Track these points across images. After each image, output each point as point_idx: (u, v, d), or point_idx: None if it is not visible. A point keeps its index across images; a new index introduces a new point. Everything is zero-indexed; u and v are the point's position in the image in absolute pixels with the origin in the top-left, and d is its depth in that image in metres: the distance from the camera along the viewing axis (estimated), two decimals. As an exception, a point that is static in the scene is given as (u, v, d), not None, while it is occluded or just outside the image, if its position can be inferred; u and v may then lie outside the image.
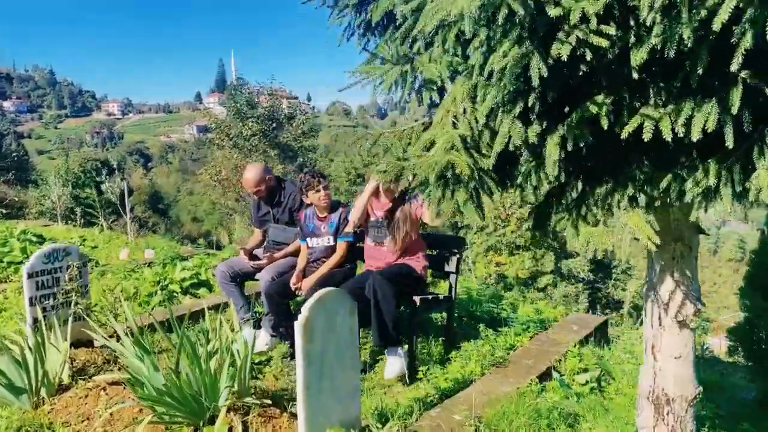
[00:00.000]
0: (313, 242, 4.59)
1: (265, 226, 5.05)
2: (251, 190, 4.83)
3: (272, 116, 28.11)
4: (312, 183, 4.48)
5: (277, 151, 28.24)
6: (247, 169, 4.88)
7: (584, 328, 4.62)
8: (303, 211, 4.71)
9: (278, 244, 4.90)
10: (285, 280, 4.43)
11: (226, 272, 4.74)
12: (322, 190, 4.51)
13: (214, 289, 6.18)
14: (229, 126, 27.26)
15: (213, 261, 7.46)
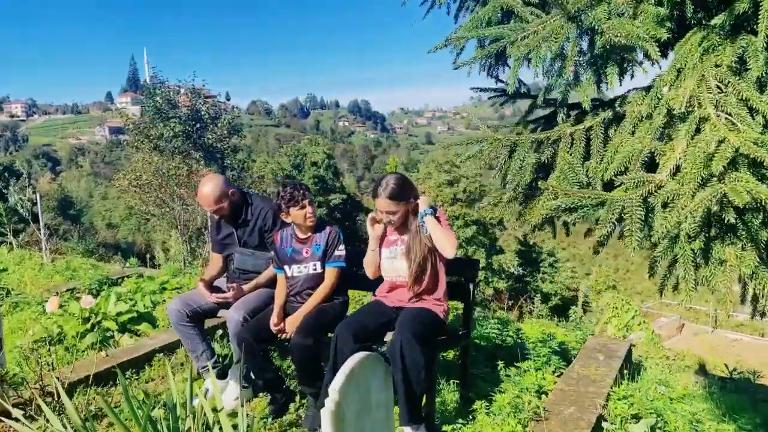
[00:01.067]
0: (294, 270, 3.75)
1: (227, 251, 4.08)
2: (211, 209, 3.89)
3: (196, 116, 26.61)
4: (296, 197, 3.60)
5: (201, 153, 26.79)
6: (204, 182, 3.90)
7: (611, 357, 4.00)
8: (278, 233, 3.89)
9: (246, 273, 3.96)
10: (261, 320, 3.55)
11: (183, 312, 3.79)
12: (308, 206, 3.67)
13: (158, 324, 5.18)
14: (147, 127, 25.55)
15: (150, 285, 6.42)
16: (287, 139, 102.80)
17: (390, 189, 3.40)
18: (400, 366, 3.04)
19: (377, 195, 3.44)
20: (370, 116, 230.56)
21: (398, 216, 3.45)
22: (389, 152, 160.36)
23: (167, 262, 8.49)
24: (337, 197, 42.33)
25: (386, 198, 3.40)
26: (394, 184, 3.41)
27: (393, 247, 3.55)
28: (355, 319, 3.37)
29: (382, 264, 3.58)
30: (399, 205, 3.43)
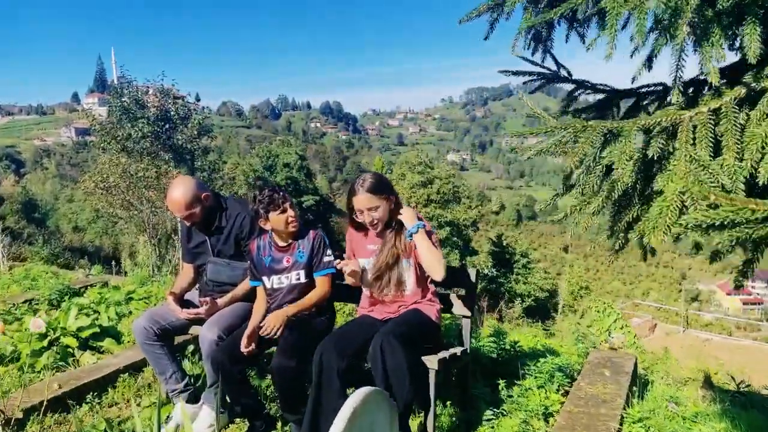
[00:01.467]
0: (274, 282, 3.35)
1: (199, 261, 3.68)
2: (181, 215, 3.45)
3: (165, 117, 25.93)
4: (275, 200, 3.22)
5: (171, 154, 26.14)
6: (174, 185, 3.47)
7: (618, 373, 3.71)
8: (254, 241, 3.48)
9: (220, 285, 3.56)
10: (238, 338, 3.17)
11: (150, 329, 3.40)
12: (289, 210, 3.29)
13: (123, 339, 4.75)
14: (115, 127, 24.81)
15: (115, 295, 5.98)
16: (258, 141, 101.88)
17: (369, 182, 3.12)
18: (380, 370, 2.74)
19: (355, 192, 3.14)
20: (341, 117, 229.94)
21: (381, 212, 3.15)
22: (361, 153, 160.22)
23: (134, 270, 8.02)
24: (310, 199, 41.90)
25: (366, 191, 3.11)
26: (372, 179, 3.15)
27: (374, 257, 3.24)
28: (341, 333, 3.04)
29: (365, 276, 3.26)
30: (380, 200, 3.13)
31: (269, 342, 3.24)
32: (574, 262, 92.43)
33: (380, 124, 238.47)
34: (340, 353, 2.82)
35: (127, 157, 22.78)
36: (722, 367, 10.90)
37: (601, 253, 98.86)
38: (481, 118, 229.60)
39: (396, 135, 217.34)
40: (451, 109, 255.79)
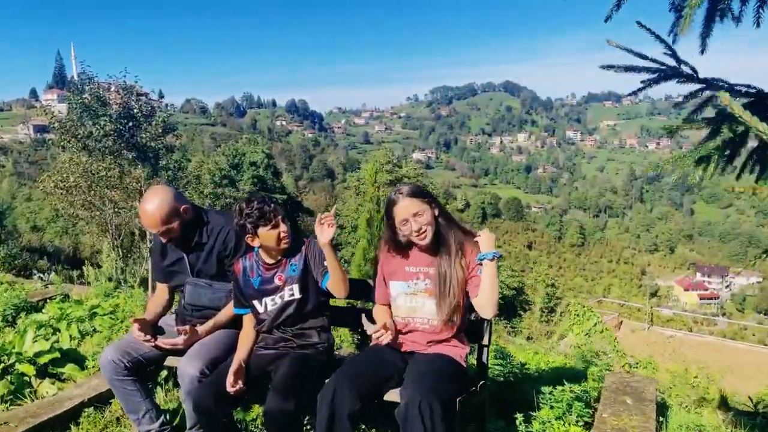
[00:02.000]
0: (267, 304, 2.96)
1: (174, 281, 3.28)
2: (157, 230, 3.05)
3: (128, 114, 25.05)
4: (266, 213, 2.84)
5: (134, 153, 25.28)
6: (148, 197, 3.04)
7: (641, 400, 3.42)
8: (238, 262, 3.08)
9: (200, 310, 3.14)
10: (223, 375, 2.76)
11: (120, 363, 2.97)
12: (282, 224, 2.91)
13: (87, 364, 4.27)
14: (75, 125, 23.85)
15: (77, 311, 5.47)
16: (224, 139, 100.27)
17: (407, 188, 2.78)
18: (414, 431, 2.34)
19: (395, 201, 2.76)
20: (307, 116, 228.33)
21: (428, 217, 2.77)
22: (327, 152, 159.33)
23: (98, 279, 7.47)
24: (278, 198, 41.20)
25: (407, 196, 2.75)
26: (409, 184, 2.82)
27: (414, 281, 2.84)
28: (355, 371, 2.64)
29: (395, 301, 2.87)
30: (424, 203, 2.78)
31: (260, 377, 2.84)
32: (536, 258, 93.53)
33: (346, 123, 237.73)
34: (355, 394, 2.44)
35: (88, 156, 21.93)
36: (702, 371, 10.82)
37: (563, 250, 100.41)
38: (446, 117, 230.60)
39: (362, 133, 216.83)
40: (417, 108, 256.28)
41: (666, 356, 25.90)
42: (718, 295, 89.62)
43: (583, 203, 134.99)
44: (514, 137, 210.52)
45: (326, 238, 2.70)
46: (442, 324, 2.77)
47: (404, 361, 2.79)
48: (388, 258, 2.94)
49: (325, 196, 65.85)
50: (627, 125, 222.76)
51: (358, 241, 38.37)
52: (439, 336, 2.80)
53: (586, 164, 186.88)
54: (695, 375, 10.51)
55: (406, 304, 2.84)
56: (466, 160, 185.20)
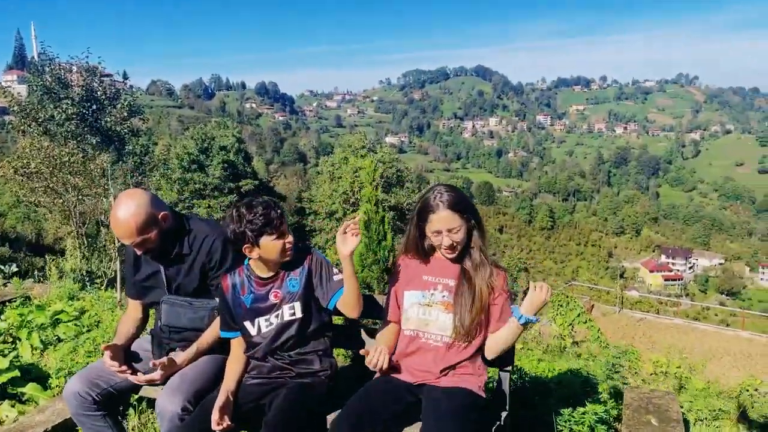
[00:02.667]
0: (261, 325, 2.56)
1: (149, 298, 2.84)
2: (132, 241, 2.60)
3: (91, 97, 24.15)
4: (272, 220, 2.43)
5: (98, 138, 24.40)
6: (121, 203, 2.57)
7: (666, 420, 3.13)
8: (225, 278, 2.65)
9: (179, 332, 2.72)
10: (208, 412, 2.37)
11: (88, 396, 2.55)
12: (287, 234, 2.50)
13: (50, 383, 3.83)
14: (36, 108, 22.89)
15: (39, 317, 5.00)
16: (191, 122, 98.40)
17: (451, 196, 2.40)
18: None
19: (433, 209, 2.40)
20: (278, 98, 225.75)
21: (462, 234, 2.44)
22: (299, 135, 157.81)
23: (62, 278, 6.94)
24: (249, 183, 40.43)
25: (449, 207, 2.40)
26: (452, 193, 2.42)
27: (431, 291, 2.49)
28: (359, 412, 2.27)
29: (406, 312, 2.51)
30: (462, 219, 2.43)
31: (252, 412, 2.47)
32: (507, 242, 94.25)
33: (318, 106, 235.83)
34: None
35: (50, 141, 21.06)
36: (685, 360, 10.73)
37: (533, 234, 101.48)
38: (419, 101, 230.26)
39: (334, 117, 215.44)
40: (389, 92, 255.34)
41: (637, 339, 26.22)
42: (682, 276, 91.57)
43: (553, 187, 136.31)
44: (486, 121, 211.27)
45: (349, 249, 2.34)
46: (456, 341, 2.44)
47: (414, 394, 2.43)
48: (408, 263, 2.59)
49: (297, 180, 65.07)
50: (595, 110, 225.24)
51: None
52: (453, 359, 2.45)
53: (556, 148, 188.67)
54: (678, 365, 10.41)
55: (418, 315, 2.49)
56: (439, 144, 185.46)
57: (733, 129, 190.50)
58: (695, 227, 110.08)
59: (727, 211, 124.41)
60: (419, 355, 2.48)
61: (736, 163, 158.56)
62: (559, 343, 11.49)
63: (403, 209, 36.80)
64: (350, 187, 37.82)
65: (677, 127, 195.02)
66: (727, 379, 13.85)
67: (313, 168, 79.91)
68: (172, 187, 37.70)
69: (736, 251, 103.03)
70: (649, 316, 38.48)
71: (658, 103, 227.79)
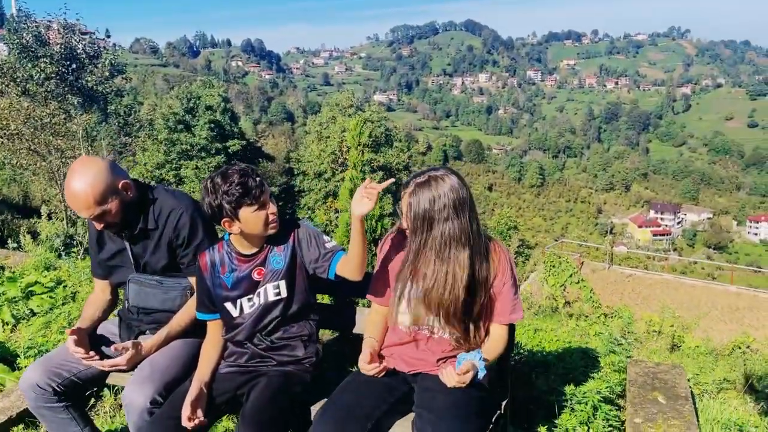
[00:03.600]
0: (243, 306, 2.33)
1: (116, 277, 2.57)
2: (90, 214, 2.29)
3: (70, 55, 23.40)
4: (251, 189, 2.17)
5: (79, 98, 23.76)
6: (75, 172, 2.28)
7: (674, 397, 2.96)
8: (204, 256, 2.38)
9: (149, 314, 2.49)
10: (179, 405, 2.15)
11: (48, 387, 2.31)
12: (270, 204, 2.24)
13: (19, 363, 3.60)
14: (13, 68, 22.16)
15: (10, 289, 4.75)
16: (177, 81, 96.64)
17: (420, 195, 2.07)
18: None
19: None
20: (264, 56, 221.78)
21: None
22: (286, 94, 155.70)
23: (40, 243, 6.64)
24: (236, 143, 39.83)
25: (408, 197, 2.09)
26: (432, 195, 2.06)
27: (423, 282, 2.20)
28: (345, 408, 2.05)
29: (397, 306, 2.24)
30: None
31: (228, 404, 2.26)
32: (497, 200, 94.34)
33: (305, 63, 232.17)
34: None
35: (30, 101, 20.49)
36: (678, 320, 10.69)
37: (523, 191, 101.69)
38: (407, 57, 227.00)
39: (322, 74, 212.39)
40: (377, 48, 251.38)
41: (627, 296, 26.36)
42: (671, 231, 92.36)
43: (543, 144, 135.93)
44: (476, 78, 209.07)
45: (363, 210, 2.06)
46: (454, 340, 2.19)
47: (408, 384, 2.22)
48: (399, 241, 2.30)
49: (285, 140, 64.21)
50: (586, 64, 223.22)
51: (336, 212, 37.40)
52: (453, 351, 2.21)
53: (546, 105, 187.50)
54: (671, 324, 10.36)
55: (411, 309, 2.23)
56: (428, 101, 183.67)
57: (724, 83, 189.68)
58: (684, 182, 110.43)
59: (716, 166, 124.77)
60: (414, 344, 2.25)
61: (726, 117, 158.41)
62: (551, 303, 11.43)
63: (392, 169, 36.49)
64: (338, 147, 37.39)
65: (668, 82, 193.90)
66: (716, 332, 13.93)
67: (301, 127, 78.93)
68: (158, 148, 37.06)
69: (724, 205, 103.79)
70: (638, 272, 38.77)
71: (649, 57, 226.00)
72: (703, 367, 4.09)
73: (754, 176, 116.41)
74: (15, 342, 3.93)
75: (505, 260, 2.19)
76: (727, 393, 3.63)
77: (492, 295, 2.17)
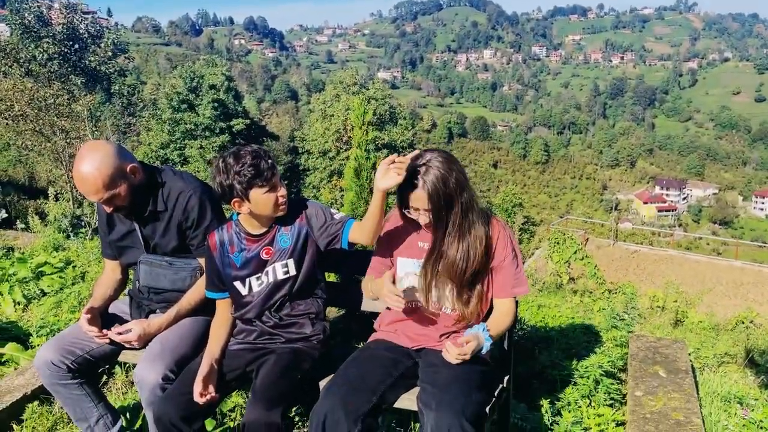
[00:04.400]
0: (252, 284, 2.38)
1: (127, 258, 2.62)
2: (99, 197, 2.33)
3: (73, 35, 23.32)
4: (262, 170, 2.20)
5: (82, 78, 23.72)
6: (83, 156, 2.29)
7: (674, 371, 3.01)
8: (213, 236, 2.41)
9: (159, 293, 2.54)
10: (190, 382, 2.21)
11: (62, 365, 2.38)
12: (280, 186, 2.28)
13: (33, 342, 3.67)
14: (16, 48, 22.11)
15: (21, 270, 4.82)
16: (180, 59, 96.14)
17: (434, 182, 2.06)
18: None
19: (414, 186, 2.09)
20: (267, 34, 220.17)
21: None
22: (290, 72, 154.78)
23: (47, 226, 6.71)
24: (240, 122, 39.75)
25: (428, 193, 2.08)
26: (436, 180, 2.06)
27: (421, 260, 2.24)
28: (351, 381, 2.11)
29: (401, 281, 2.27)
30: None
31: (238, 380, 2.32)
32: (502, 177, 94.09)
33: (308, 41, 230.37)
34: (351, 415, 1.93)
35: (33, 82, 20.48)
36: (681, 295, 10.74)
37: (528, 168, 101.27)
38: (411, 34, 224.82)
39: (325, 52, 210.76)
40: (381, 24, 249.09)
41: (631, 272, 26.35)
42: (676, 207, 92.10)
43: (548, 120, 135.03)
44: (480, 54, 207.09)
45: (386, 185, 2.07)
46: (460, 314, 2.23)
47: (412, 358, 2.27)
48: (398, 225, 2.33)
49: (290, 119, 64.03)
50: (592, 39, 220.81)
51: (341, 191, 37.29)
52: (455, 327, 2.26)
53: (551, 80, 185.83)
54: (675, 299, 10.41)
55: (414, 284, 2.26)
56: (432, 78, 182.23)
57: (732, 57, 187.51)
58: (690, 158, 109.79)
59: (723, 141, 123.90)
60: (416, 320, 2.29)
61: (733, 91, 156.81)
62: (555, 280, 11.49)
63: (397, 147, 36.43)
64: (343, 125, 37.27)
65: (675, 56, 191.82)
66: (720, 308, 13.97)
67: (305, 106, 78.64)
68: (162, 128, 37.03)
69: (730, 181, 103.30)
70: (643, 248, 38.76)
71: (655, 32, 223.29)
72: (704, 341, 4.14)
73: (761, 151, 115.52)
74: (27, 321, 4.00)
75: (505, 235, 2.23)
76: (728, 367, 3.68)
77: (493, 270, 2.22)
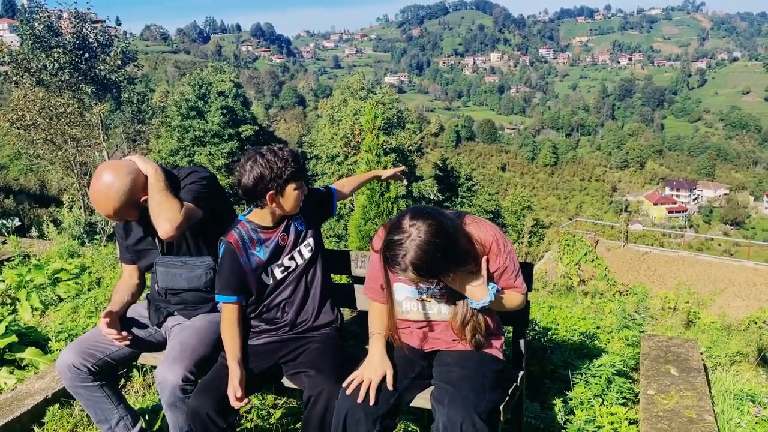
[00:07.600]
0: (276, 273, 2.43)
1: (144, 261, 2.63)
2: (108, 217, 2.42)
3: (83, 44, 23.53)
4: (301, 166, 2.34)
5: (93, 87, 23.92)
6: (101, 176, 2.30)
7: (686, 370, 3.02)
8: (231, 235, 2.39)
9: (177, 294, 2.56)
10: (219, 383, 2.23)
11: (83, 367, 2.43)
12: (305, 186, 2.40)
13: (51, 347, 3.74)
14: (27, 58, 22.33)
15: (38, 276, 4.89)
16: (188, 67, 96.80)
17: (413, 263, 1.89)
18: None
19: (394, 265, 1.94)
20: (274, 40, 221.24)
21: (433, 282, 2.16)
22: (297, 78, 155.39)
23: (61, 232, 6.80)
24: (249, 129, 39.90)
25: (414, 272, 1.91)
26: (422, 254, 1.87)
27: (425, 285, 2.19)
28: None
29: (401, 306, 2.25)
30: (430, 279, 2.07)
31: (270, 370, 2.39)
32: (510, 180, 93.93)
33: (315, 47, 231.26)
34: (371, 415, 1.97)
35: (44, 92, 20.65)
36: (693, 296, 10.70)
37: (536, 171, 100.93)
38: (418, 38, 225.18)
39: (332, 57, 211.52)
40: (387, 29, 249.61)
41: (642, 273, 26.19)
42: (686, 208, 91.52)
43: (556, 122, 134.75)
44: (487, 57, 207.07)
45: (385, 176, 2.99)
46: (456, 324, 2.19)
47: (425, 358, 2.29)
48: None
49: (297, 124, 64.26)
50: (599, 41, 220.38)
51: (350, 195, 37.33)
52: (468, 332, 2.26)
53: (559, 83, 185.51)
54: (686, 300, 10.36)
55: (418, 309, 2.24)
56: (440, 82, 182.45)
57: (740, 56, 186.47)
58: (700, 158, 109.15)
59: (733, 141, 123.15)
60: (428, 327, 2.29)
61: (743, 91, 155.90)
62: (565, 282, 11.47)
63: (405, 151, 36.47)
64: (351, 130, 37.36)
65: (683, 56, 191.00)
66: (732, 309, 13.89)
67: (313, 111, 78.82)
68: (172, 135, 37.24)
69: (741, 181, 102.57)
70: (654, 250, 38.55)
71: (663, 32, 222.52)
72: (716, 341, 4.14)
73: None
74: (45, 327, 4.06)
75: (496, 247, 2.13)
76: (740, 366, 3.69)
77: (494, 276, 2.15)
